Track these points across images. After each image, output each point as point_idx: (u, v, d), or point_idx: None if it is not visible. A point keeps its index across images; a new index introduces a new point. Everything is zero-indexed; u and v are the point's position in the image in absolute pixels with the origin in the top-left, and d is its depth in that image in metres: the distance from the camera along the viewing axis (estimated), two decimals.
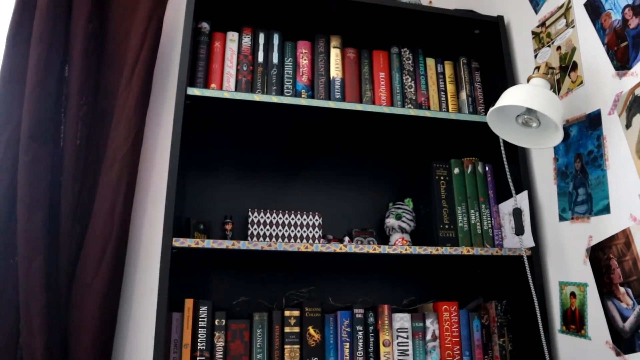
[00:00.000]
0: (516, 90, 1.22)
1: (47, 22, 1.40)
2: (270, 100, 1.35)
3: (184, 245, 1.17)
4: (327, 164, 1.69)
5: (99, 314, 1.30)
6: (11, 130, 1.34)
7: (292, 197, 1.62)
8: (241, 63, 1.45)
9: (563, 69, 1.36)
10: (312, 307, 1.32)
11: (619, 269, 1.12)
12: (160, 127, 1.61)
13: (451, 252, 1.34)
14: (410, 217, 1.53)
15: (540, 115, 1.22)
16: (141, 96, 1.47)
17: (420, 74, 1.57)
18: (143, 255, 1.49)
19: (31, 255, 1.27)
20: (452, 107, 1.57)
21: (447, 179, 1.50)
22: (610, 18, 1.21)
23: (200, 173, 1.58)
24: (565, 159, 1.33)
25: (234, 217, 1.49)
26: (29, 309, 1.24)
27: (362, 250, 1.27)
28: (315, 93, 1.47)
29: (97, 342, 1.29)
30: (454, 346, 1.37)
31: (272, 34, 1.51)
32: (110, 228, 1.36)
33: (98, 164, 1.45)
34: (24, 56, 1.39)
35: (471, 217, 1.47)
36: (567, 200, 1.31)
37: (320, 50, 1.51)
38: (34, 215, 1.29)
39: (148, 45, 1.50)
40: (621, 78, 1.16)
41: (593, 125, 1.23)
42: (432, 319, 1.38)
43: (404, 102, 1.52)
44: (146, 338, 1.41)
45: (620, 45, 1.17)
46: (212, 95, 1.32)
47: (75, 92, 1.43)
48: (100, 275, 1.32)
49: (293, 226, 1.41)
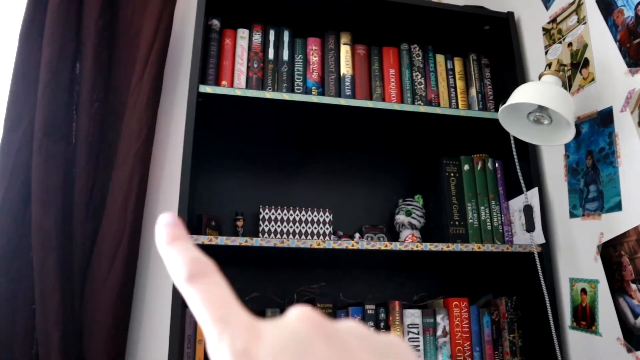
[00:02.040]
0: (528, 87, 1.22)
1: (58, 20, 1.41)
2: (281, 98, 1.35)
3: (197, 243, 1.18)
4: (337, 160, 1.69)
5: (113, 309, 1.32)
6: (24, 127, 1.35)
7: (302, 194, 1.63)
8: (252, 60, 1.46)
9: (574, 66, 1.36)
10: (324, 303, 1.33)
11: (631, 266, 1.13)
12: (171, 124, 1.62)
13: (462, 248, 1.35)
14: (420, 214, 1.54)
15: (552, 113, 1.22)
16: (152, 93, 1.47)
17: (430, 70, 1.57)
18: (155, 251, 1.50)
19: (45, 251, 1.28)
20: (461, 103, 1.57)
21: (457, 175, 1.50)
22: (623, 15, 1.20)
23: (211, 170, 1.59)
24: (576, 156, 1.33)
25: (245, 214, 1.50)
26: (44, 305, 1.26)
27: (373, 247, 1.28)
28: (326, 90, 1.47)
29: (111, 337, 1.31)
30: (465, 342, 1.38)
31: (282, 31, 1.51)
32: (123, 225, 1.37)
33: (110, 160, 1.46)
34: (36, 54, 1.40)
35: (481, 213, 1.47)
36: (578, 197, 1.31)
37: (330, 47, 1.52)
38: (48, 212, 1.31)
39: (159, 42, 1.51)
40: (633, 75, 1.16)
41: (605, 123, 1.23)
42: (442, 315, 1.39)
43: (414, 99, 1.52)
44: (160, 333, 1.42)
45: (633, 42, 1.17)
46: (224, 93, 1.32)
47: (87, 89, 1.44)
48: (113, 271, 1.34)
49: (304, 222, 1.42)
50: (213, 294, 0.23)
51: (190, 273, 0.23)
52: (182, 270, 0.23)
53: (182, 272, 0.23)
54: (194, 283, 0.23)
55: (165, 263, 0.25)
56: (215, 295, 0.23)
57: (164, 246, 0.25)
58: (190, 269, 0.23)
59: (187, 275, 0.23)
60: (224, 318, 0.22)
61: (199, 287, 0.23)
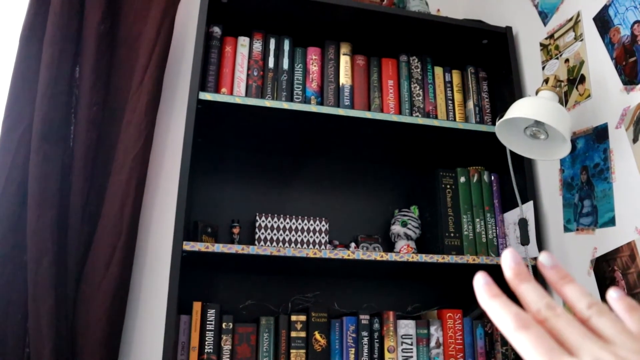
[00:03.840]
0: (525, 102, 1.23)
1: (59, 23, 1.41)
2: (281, 107, 1.36)
3: (194, 249, 1.18)
4: (334, 169, 1.70)
5: (107, 314, 1.31)
6: (23, 130, 1.35)
7: (298, 202, 1.63)
8: (252, 68, 1.46)
9: (571, 82, 1.37)
10: (318, 312, 1.33)
11: (623, 281, 1.14)
12: (169, 130, 1.62)
13: (457, 260, 1.35)
14: (416, 225, 1.54)
15: (548, 128, 1.24)
16: (152, 99, 1.48)
17: (429, 82, 1.59)
18: (151, 257, 1.50)
19: (40, 254, 1.28)
20: (459, 116, 1.59)
21: (453, 187, 1.51)
22: (619, 33, 1.22)
23: (209, 176, 1.59)
24: (572, 171, 1.34)
25: (241, 221, 1.50)
26: (38, 308, 1.25)
27: (369, 257, 1.29)
28: (325, 99, 1.48)
29: (104, 342, 1.30)
30: (458, 353, 1.38)
31: (282, 40, 1.52)
32: (119, 229, 1.37)
33: (108, 165, 1.46)
34: (36, 57, 1.40)
35: (476, 225, 1.48)
36: (572, 212, 1.32)
37: (330, 56, 1.53)
38: (44, 215, 1.30)
39: (159, 49, 1.51)
40: (629, 92, 1.18)
41: (600, 138, 1.25)
42: (436, 326, 1.39)
43: (411, 110, 1.54)
44: (154, 339, 1.42)
45: (629, 60, 1.19)
46: (224, 100, 1.33)
47: (86, 93, 1.45)
48: (108, 276, 1.33)
49: (300, 231, 1.43)
50: (542, 338, 0.28)
51: (517, 324, 0.29)
52: (510, 322, 0.30)
53: (511, 323, 0.29)
54: (524, 331, 0.29)
55: (489, 314, 0.31)
56: (545, 339, 0.28)
57: (487, 301, 0.32)
58: (517, 321, 0.29)
59: (515, 326, 0.29)
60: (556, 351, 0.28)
61: (528, 334, 0.29)
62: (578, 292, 0.32)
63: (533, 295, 0.32)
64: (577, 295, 0.32)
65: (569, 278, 0.33)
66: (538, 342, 0.28)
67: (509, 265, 0.34)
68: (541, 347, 0.28)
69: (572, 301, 0.32)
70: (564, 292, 0.33)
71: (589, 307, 0.31)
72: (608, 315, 0.30)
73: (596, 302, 0.31)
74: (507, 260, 0.34)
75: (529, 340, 0.28)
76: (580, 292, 0.32)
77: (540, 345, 0.28)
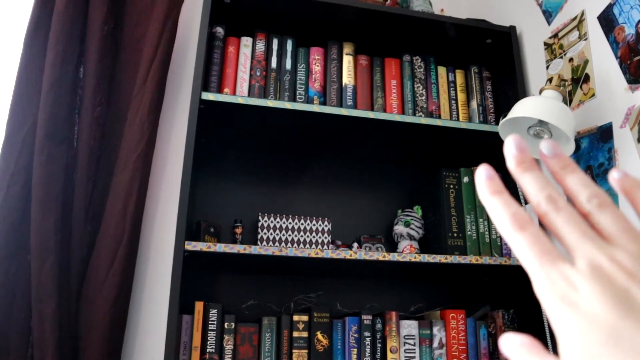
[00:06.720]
0: (529, 101, 1.23)
1: (64, 24, 1.42)
2: (283, 107, 1.36)
3: (196, 249, 1.18)
4: (337, 169, 1.70)
5: (110, 314, 1.31)
6: (27, 130, 1.36)
7: (301, 202, 1.63)
8: (254, 68, 1.46)
9: (575, 81, 1.36)
10: (321, 312, 1.33)
11: None
12: (172, 130, 1.62)
13: (460, 260, 1.35)
14: (419, 225, 1.54)
15: (552, 127, 1.23)
16: (155, 99, 1.48)
17: (432, 82, 1.58)
18: (154, 257, 1.50)
19: (44, 254, 1.28)
20: (462, 115, 1.58)
21: (456, 187, 1.50)
22: (624, 32, 1.22)
23: (211, 176, 1.59)
24: None
25: (244, 221, 1.50)
26: (41, 308, 1.26)
27: (372, 257, 1.28)
28: (327, 99, 1.48)
29: (107, 342, 1.30)
30: (461, 354, 1.37)
31: (285, 40, 1.52)
32: (122, 229, 1.37)
33: (111, 165, 1.46)
34: (40, 57, 1.41)
35: (480, 225, 1.48)
36: None
37: (333, 57, 1.52)
38: (47, 215, 1.31)
39: (162, 49, 1.52)
40: (634, 92, 1.17)
41: (604, 138, 1.24)
42: (439, 327, 1.39)
43: (415, 110, 1.53)
44: (156, 339, 1.42)
45: (634, 59, 1.18)
46: (227, 101, 1.33)
47: (90, 93, 1.45)
48: (111, 276, 1.34)
49: (302, 231, 1.42)
50: (537, 240, 0.26)
51: (514, 225, 0.27)
52: (507, 221, 0.28)
53: (507, 223, 0.28)
54: (520, 232, 0.27)
55: (488, 211, 0.29)
56: (539, 241, 0.26)
57: (487, 197, 0.29)
58: (514, 221, 0.27)
59: (512, 226, 0.27)
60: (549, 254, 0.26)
61: (524, 235, 0.27)
62: (580, 182, 0.28)
63: (535, 187, 0.28)
64: (579, 187, 0.28)
65: (572, 167, 0.29)
66: (533, 243, 0.26)
67: (512, 152, 0.30)
68: (535, 250, 0.26)
69: (573, 193, 0.28)
70: (565, 183, 0.29)
71: (588, 199, 0.27)
72: (610, 210, 0.27)
73: (598, 194, 0.27)
74: (510, 147, 0.30)
75: (524, 241, 0.27)
76: (582, 183, 0.28)
77: (535, 247, 0.26)
